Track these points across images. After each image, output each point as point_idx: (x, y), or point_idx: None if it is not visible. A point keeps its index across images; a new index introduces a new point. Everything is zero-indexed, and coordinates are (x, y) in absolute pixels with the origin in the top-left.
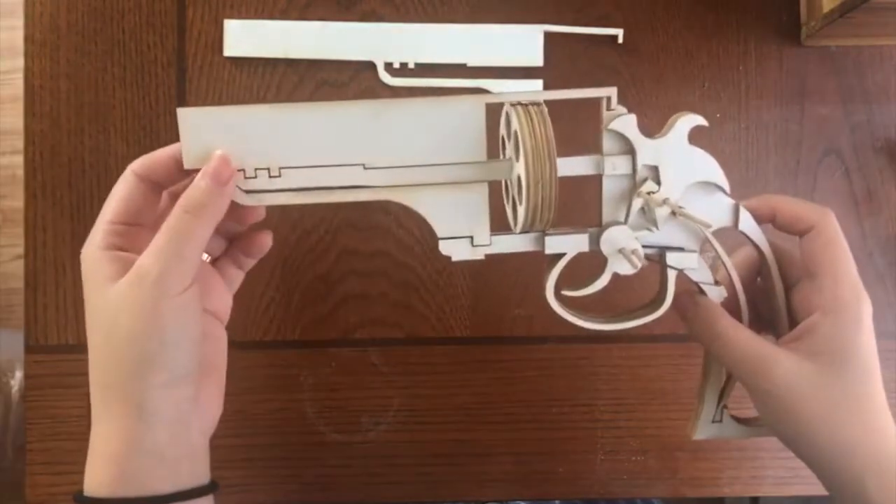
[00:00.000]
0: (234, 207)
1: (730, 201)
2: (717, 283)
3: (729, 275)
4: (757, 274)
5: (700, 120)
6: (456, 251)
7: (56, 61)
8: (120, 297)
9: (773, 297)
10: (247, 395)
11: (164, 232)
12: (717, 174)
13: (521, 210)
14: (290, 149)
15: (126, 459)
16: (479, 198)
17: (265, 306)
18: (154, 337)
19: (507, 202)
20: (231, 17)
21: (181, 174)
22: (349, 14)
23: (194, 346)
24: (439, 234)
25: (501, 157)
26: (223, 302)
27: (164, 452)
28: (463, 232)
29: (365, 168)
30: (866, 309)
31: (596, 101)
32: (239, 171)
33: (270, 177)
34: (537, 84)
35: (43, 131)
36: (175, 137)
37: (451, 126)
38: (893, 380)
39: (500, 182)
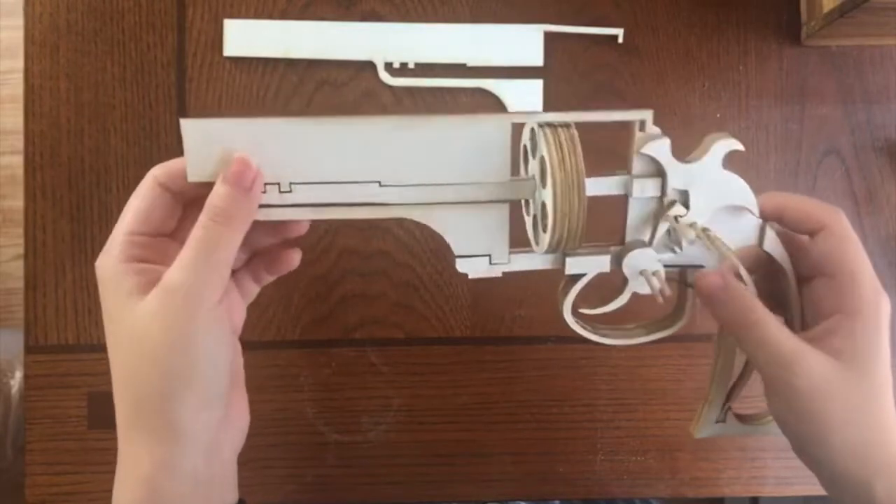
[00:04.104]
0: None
1: (756, 221)
2: None
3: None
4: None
5: (737, 145)
6: (473, 269)
7: (56, 61)
8: (150, 311)
9: (788, 307)
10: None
11: (190, 243)
12: (749, 198)
13: (545, 237)
14: (303, 164)
15: (158, 482)
16: (499, 216)
17: (265, 306)
18: (187, 351)
19: (527, 215)
20: (231, 16)
21: (201, 186)
22: (349, 14)
23: (226, 362)
24: (456, 251)
25: (522, 168)
26: (240, 315)
27: (198, 476)
28: (481, 250)
29: (381, 185)
30: (886, 309)
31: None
32: None
33: (281, 192)
34: (537, 84)
35: (43, 131)
36: (174, 138)
37: (475, 145)
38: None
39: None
